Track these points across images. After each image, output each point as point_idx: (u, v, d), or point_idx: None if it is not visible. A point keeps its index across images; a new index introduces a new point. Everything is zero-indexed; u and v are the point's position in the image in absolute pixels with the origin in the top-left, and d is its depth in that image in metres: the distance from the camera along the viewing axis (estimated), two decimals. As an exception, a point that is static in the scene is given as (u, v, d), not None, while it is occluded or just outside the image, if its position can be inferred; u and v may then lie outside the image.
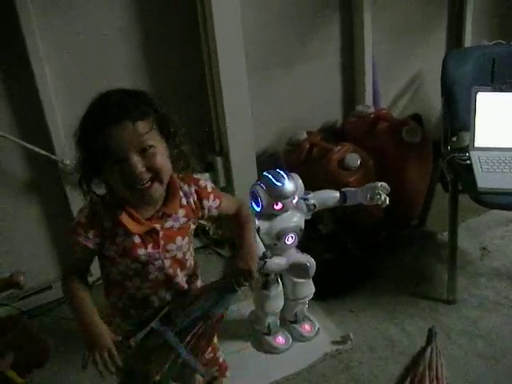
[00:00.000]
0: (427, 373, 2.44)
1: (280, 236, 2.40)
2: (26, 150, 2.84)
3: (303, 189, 2.43)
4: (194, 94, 3.16)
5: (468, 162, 2.74)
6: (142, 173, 1.58)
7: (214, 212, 1.87)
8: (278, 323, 2.70)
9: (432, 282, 3.02)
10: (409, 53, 3.75)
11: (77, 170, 1.69)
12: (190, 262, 1.89)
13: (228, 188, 3.28)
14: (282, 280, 2.58)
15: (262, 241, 2.37)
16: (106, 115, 1.56)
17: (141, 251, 1.72)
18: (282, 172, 2.35)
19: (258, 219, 2.35)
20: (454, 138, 2.92)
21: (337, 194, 2.49)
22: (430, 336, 2.64)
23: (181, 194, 1.78)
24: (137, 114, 1.57)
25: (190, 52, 3.08)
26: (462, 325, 2.73)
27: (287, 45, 3.33)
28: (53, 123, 2.79)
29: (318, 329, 2.74)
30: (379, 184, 2.42)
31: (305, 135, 3.32)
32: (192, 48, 3.07)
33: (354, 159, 3.07)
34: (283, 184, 2.31)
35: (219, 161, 3.21)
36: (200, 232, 3.36)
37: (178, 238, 1.78)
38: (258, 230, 2.36)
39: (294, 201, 2.37)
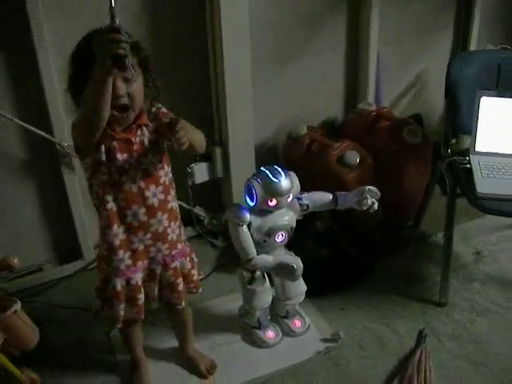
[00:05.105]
0: (415, 375, 2.44)
1: (271, 233, 2.39)
2: (25, 130, 2.83)
3: (299, 188, 2.41)
4: (197, 84, 3.16)
5: (468, 166, 2.72)
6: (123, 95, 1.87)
7: (164, 118, 2.05)
8: (269, 317, 2.69)
9: (424, 284, 3.02)
10: (414, 53, 3.74)
11: (68, 86, 1.95)
12: (164, 179, 2.10)
13: (226, 178, 3.28)
14: (270, 278, 2.57)
15: (252, 236, 2.37)
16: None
17: (118, 156, 1.97)
18: (279, 168, 2.32)
19: (251, 214, 2.35)
20: (454, 141, 2.90)
21: (330, 197, 2.47)
22: (420, 338, 2.64)
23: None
24: None
25: (196, 46, 3.08)
26: (452, 328, 2.73)
27: (292, 39, 3.32)
28: (53, 104, 2.77)
29: (309, 325, 2.74)
30: (367, 188, 2.37)
31: (305, 130, 3.31)
32: (197, 43, 3.07)
33: (353, 156, 3.06)
34: (279, 181, 2.28)
35: (218, 151, 3.19)
36: (195, 221, 3.36)
37: (150, 152, 2.03)
38: (250, 225, 2.36)
39: (289, 199, 2.35)
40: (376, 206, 2.38)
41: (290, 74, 3.39)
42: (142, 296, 2.20)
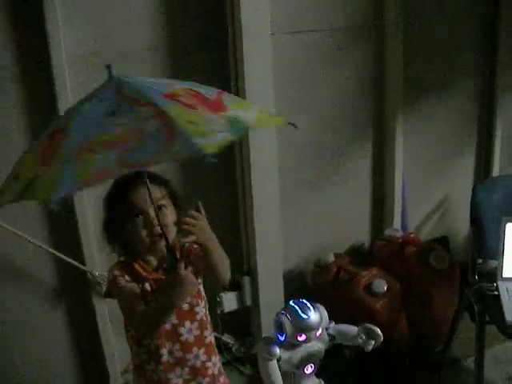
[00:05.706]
0: None
1: (300, 365, 2.37)
2: (57, 258, 2.89)
3: (327, 319, 2.41)
4: (226, 215, 3.21)
5: (496, 292, 2.73)
6: (156, 224, 1.90)
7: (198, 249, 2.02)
8: None
9: (457, 412, 2.97)
10: (437, 176, 3.80)
11: (103, 232, 2.03)
12: (201, 315, 2.11)
13: (254, 307, 3.30)
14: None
15: (280, 369, 2.36)
16: (133, 180, 1.89)
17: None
18: (308, 303, 2.33)
19: (280, 348, 2.33)
20: (481, 262, 2.90)
21: (355, 330, 2.46)
22: None
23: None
24: (156, 181, 1.96)
25: (224, 174, 3.16)
26: None
27: (318, 166, 3.40)
28: (84, 234, 2.85)
29: None
30: (365, 325, 2.34)
31: (332, 257, 3.34)
32: (225, 170, 3.15)
33: (381, 285, 3.07)
34: (309, 316, 2.27)
35: (246, 280, 3.23)
36: (223, 348, 3.35)
37: None
38: (279, 358, 2.34)
39: (318, 333, 2.35)
40: (370, 347, 2.36)
41: (316, 200, 3.45)
42: None
